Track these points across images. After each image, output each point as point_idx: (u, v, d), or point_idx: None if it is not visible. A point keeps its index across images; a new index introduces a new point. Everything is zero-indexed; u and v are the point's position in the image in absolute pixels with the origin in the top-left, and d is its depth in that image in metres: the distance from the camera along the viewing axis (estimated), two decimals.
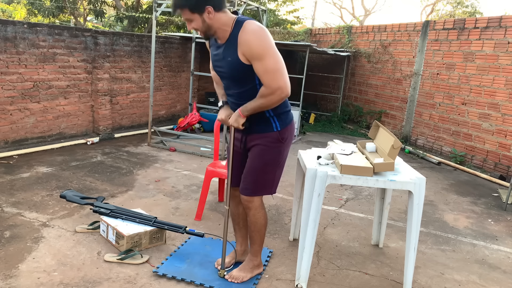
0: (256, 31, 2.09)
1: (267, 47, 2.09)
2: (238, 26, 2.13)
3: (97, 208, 3.11)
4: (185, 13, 2.13)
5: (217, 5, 2.12)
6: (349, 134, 8.12)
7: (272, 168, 2.41)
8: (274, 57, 2.10)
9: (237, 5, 5.19)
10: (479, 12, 17.30)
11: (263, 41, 2.09)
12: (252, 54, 2.11)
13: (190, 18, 2.14)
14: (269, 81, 2.12)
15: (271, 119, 2.33)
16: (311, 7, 32.89)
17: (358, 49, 8.69)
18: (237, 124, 2.30)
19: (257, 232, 2.54)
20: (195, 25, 2.16)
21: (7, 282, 2.42)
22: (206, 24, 2.15)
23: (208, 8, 2.10)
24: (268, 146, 2.35)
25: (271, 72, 2.10)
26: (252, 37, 2.09)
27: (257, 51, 2.09)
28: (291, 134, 2.42)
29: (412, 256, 2.54)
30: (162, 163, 5.13)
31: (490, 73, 5.79)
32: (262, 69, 2.11)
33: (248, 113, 2.27)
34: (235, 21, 2.16)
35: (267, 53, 2.09)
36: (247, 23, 2.12)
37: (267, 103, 2.20)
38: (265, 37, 2.09)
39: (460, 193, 4.87)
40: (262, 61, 2.09)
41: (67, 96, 5.68)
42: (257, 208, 2.47)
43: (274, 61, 2.10)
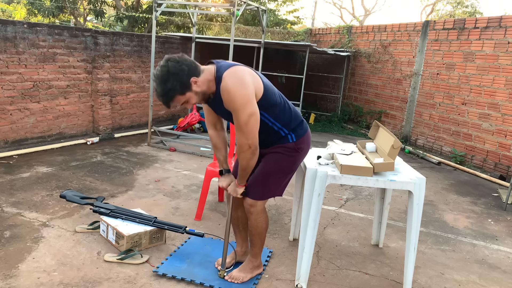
0: (229, 89, 2.14)
1: (238, 103, 2.14)
2: (219, 83, 2.19)
3: (97, 208, 3.11)
4: (179, 99, 2.21)
5: (195, 73, 2.18)
6: (349, 134, 8.12)
7: (284, 175, 2.46)
8: (244, 112, 2.14)
9: (237, 5, 5.19)
10: (479, 12, 17.30)
11: (235, 98, 2.14)
12: (230, 109, 2.20)
13: (185, 99, 2.21)
14: (239, 137, 2.22)
15: (288, 136, 2.40)
16: (311, 7, 32.88)
17: (358, 49, 8.69)
18: (235, 194, 2.43)
19: (258, 236, 2.54)
20: (193, 101, 2.24)
21: (7, 282, 2.42)
22: (200, 93, 2.23)
23: (192, 79, 2.17)
24: (284, 154, 2.41)
25: (241, 127, 2.18)
26: (226, 95, 2.16)
27: (231, 107, 2.18)
28: (307, 143, 2.48)
29: (412, 256, 2.54)
30: (162, 163, 5.13)
31: (490, 73, 5.79)
32: (236, 122, 2.21)
33: (243, 182, 2.39)
34: (215, 77, 2.22)
35: (238, 109, 2.15)
36: (223, 79, 2.17)
37: (246, 163, 2.28)
38: (236, 93, 2.14)
39: (460, 193, 4.87)
40: (235, 115, 2.18)
41: (67, 96, 5.68)
42: (259, 212, 2.47)
43: (244, 116, 2.15)
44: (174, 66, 2.13)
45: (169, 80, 2.13)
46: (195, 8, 7.56)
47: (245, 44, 7.58)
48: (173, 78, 2.13)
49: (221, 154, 2.55)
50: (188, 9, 6.86)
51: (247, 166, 2.30)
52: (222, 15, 11.57)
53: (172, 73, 2.12)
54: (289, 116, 2.39)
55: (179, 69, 2.13)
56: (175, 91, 2.16)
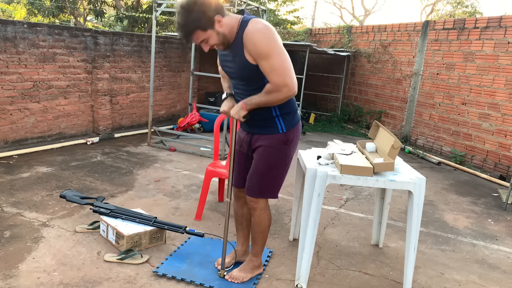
0: (260, 29, 2.06)
1: (272, 45, 2.06)
2: (244, 26, 2.09)
3: (97, 208, 3.11)
4: (198, 35, 2.09)
5: (221, 12, 2.10)
6: (349, 134, 8.12)
7: (277, 170, 2.40)
8: (280, 55, 2.07)
9: (237, 5, 5.19)
10: (479, 12, 17.30)
11: (267, 39, 2.06)
12: (258, 53, 2.07)
13: (205, 37, 2.10)
14: (275, 79, 2.09)
15: (277, 119, 2.31)
16: (311, 7, 32.90)
17: (358, 49, 8.69)
18: (238, 116, 2.27)
19: (261, 233, 2.54)
20: (212, 41, 2.12)
21: (7, 282, 2.42)
22: (221, 34, 2.11)
23: (217, 17, 2.07)
24: (273, 148, 2.34)
25: (278, 70, 2.07)
26: (256, 36, 2.05)
27: (262, 50, 2.05)
28: (297, 136, 2.40)
29: (412, 256, 2.54)
30: (162, 163, 5.13)
31: (490, 73, 5.79)
32: (268, 67, 2.08)
33: (251, 107, 2.24)
34: (240, 21, 2.13)
35: (273, 52, 2.06)
36: (252, 22, 2.08)
37: (272, 100, 2.18)
38: (269, 35, 2.06)
39: (460, 193, 4.87)
40: (267, 60, 2.06)
41: (67, 96, 5.68)
42: (262, 209, 2.47)
43: (279, 59, 2.07)
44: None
45: (194, 10, 2.01)
46: None
47: None
48: (199, 9, 2.01)
49: (227, 81, 2.49)
50: None
51: (270, 103, 2.20)
52: None
53: (199, 3, 2.01)
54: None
55: (207, 2, 2.03)
56: (198, 24, 2.03)
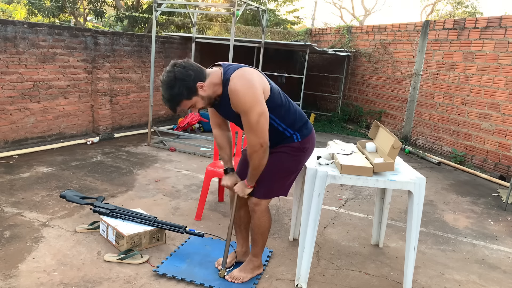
0: (240, 89, 2.16)
1: (248, 104, 2.15)
2: (226, 84, 2.20)
3: (97, 208, 3.11)
4: (185, 104, 2.23)
5: (202, 76, 2.21)
6: (349, 134, 8.12)
7: (288, 175, 2.47)
8: (256, 113, 2.16)
9: (237, 5, 5.19)
10: (479, 12, 17.30)
11: (245, 99, 2.15)
12: (239, 110, 2.21)
13: (192, 104, 2.24)
14: (250, 138, 2.23)
15: (294, 136, 2.41)
16: (311, 7, 32.90)
17: (358, 49, 8.69)
18: (243, 194, 2.42)
19: (260, 235, 2.55)
20: (199, 105, 2.26)
21: (7, 282, 2.42)
22: (206, 97, 2.24)
23: (198, 84, 2.19)
24: (289, 154, 2.42)
25: (253, 130, 2.19)
26: (234, 97, 2.17)
27: (241, 108, 2.18)
28: (312, 143, 2.49)
29: (412, 256, 2.54)
30: (162, 163, 5.13)
31: (490, 73, 5.79)
32: (246, 124, 2.21)
33: (253, 182, 2.39)
34: (222, 79, 2.24)
35: (251, 111, 2.16)
36: (232, 80, 2.18)
37: (258, 162, 2.29)
38: (246, 94, 2.15)
39: (460, 193, 4.87)
40: (247, 116, 2.19)
41: (67, 96, 5.68)
42: (262, 211, 2.48)
43: (256, 118, 2.16)
44: (181, 72, 2.16)
45: (175, 85, 2.16)
46: (195, 8, 7.56)
47: (245, 44, 7.58)
48: (180, 83, 2.16)
49: (225, 153, 2.56)
50: (188, 9, 6.86)
51: (259, 165, 2.31)
52: (222, 15, 11.57)
53: (179, 78, 2.16)
54: (294, 116, 2.40)
55: (186, 74, 2.16)
56: (182, 96, 2.19)
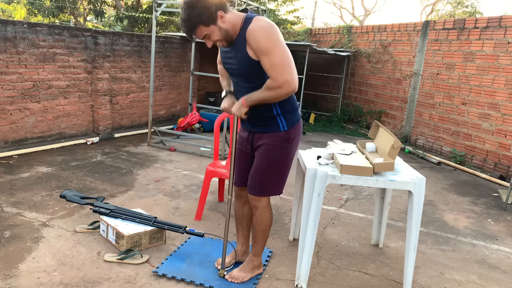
0: (263, 26, 2.10)
1: (274, 42, 2.09)
2: (247, 23, 2.13)
3: (97, 208, 3.11)
4: (201, 30, 2.13)
5: (225, 8, 2.14)
6: (349, 134, 8.12)
7: (279, 168, 2.41)
8: (281, 51, 2.10)
9: (237, 5, 5.19)
10: (479, 12, 17.30)
11: (270, 36, 2.09)
12: (260, 49, 2.10)
13: (208, 32, 2.14)
14: (276, 75, 2.12)
15: (278, 117, 2.33)
16: (311, 7, 32.90)
17: (358, 49, 8.69)
18: (239, 113, 2.29)
19: (262, 232, 2.54)
20: (215, 37, 2.16)
21: (7, 282, 2.42)
22: (224, 30, 2.14)
23: (219, 13, 2.11)
24: (274, 146, 2.35)
25: (278, 66, 2.10)
26: (259, 32, 2.09)
27: (264, 46, 2.09)
28: (298, 133, 2.42)
29: (412, 256, 2.54)
30: (162, 163, 5.13)
31: (490, 73, 5.79)
32: (269, 63, 2.11)
33: (251, 103, 2.25)
34: (244, 18, 2.17)
35: (274, 48, 2.09)
36: (255, 19, 2.13)
37: (273, 96, 2.19)
38: (272, 32, 2.10)
39: (460, 193, 4.87)
40: (269, 55, 2.10)
41: (67, 96, 5.68)
42: (264, 207, 2.47)
43: (281, 55, 2.10)
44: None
45: (197, 6, 2.06)
46: None
47: None
48: (201, 5, 2.06)
49: (225, 79, 2.52)
50: None
51: (269, 99, 2.22)
52: None
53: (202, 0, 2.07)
54: (287, 97, 2.32)
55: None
56: (201, 19, 2.08)
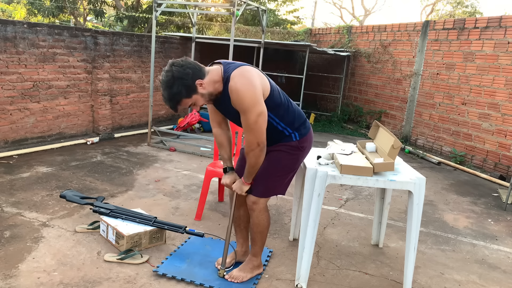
0: (238, 90, 2.16)
1: (248, 103, 2.16)
2: (227, 82, 2.21)
3: (97, 208, 3.11)
4: (185, 102, 2.23)
5: (201, 74, 2.20)
6: (349, 134, 8.12)
7: (286, 173, 2.47)
8: (253, 112, 2.17)
9: (237, 5, 5.19)
10: (479, 12, 17.31)
11: (245, 98, 2.16)
12: (239, 108, 2.21)
13: (192, 102, 2.24)
14: (248, 137, 2.25)
15: (292, 134, 2.43)
16: (311, 7, 32.86)
17: (358, 49, 8.69)
18: (240, 192, 2.44)
19: (259, 234, 2.55)
20: (200, 102, 2.26)
21: (7, 282, 2.42)
22: (206, 94, 2.24)
23: (197, 82, 2.19)
24: (287, 153, 2.43)
25: (252, 129, 2.21)
26: (234, 96, 2.18)
27: (240, 107, 2.19)
28: (310, 142, 2.51)
29: (412, 256, 2.54)
30: (162, 163, 5.12)
31: (490, 73, 5.79)
32: (244, 123, 2.23)
33: (249, 180, 2.41)
34: (222, 77, 2.24)
35: (248, 109, 2.17)
36: (232, 78, 2.19)
37: (254, 161, 2.31)
38: (246, 93, 2.16)
39: (460, 193, 4.87)
40: (246, 115, 2.20)
41: (67, 96, 5.68)
42: (261, 210, 2.48)
43: (255, 117, 2.18)
44: (178, 71, 2.16)
45: (174, 84, 2.16)
46: (195, 8, 7.56)
47: (245, 44, 7.58)
48: (178, 82, 2.16)
49: (225, 152, 2.58)
50: (188, 9, 6.86)
51: (255, 164, 2.33)
52: (222, 15, 11.57)
53: (177, 77, 2.16)
54: (293, 115, 2.42)
55: (184, 73, 2.16)
56: (181, 95, 2.19)
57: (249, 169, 2.36)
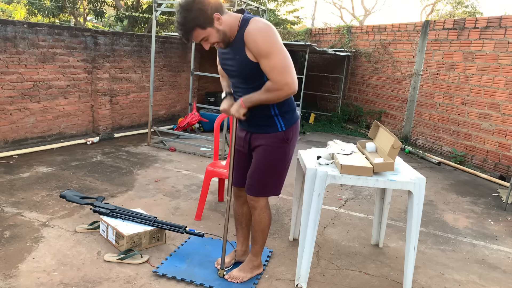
0: (262, 28, 2.08)
1: (273, 44, 2.08)
2: (245, 25, 2.12)
3: (97, 208, 3.11)
4: (197, 33, 2.12)
5: (220, 10, 2.13)
6: (349, 134, 8.12)
7: (278, 169, 2.41)
8: (280, 54, 2.09)
9: (237, 5, 5.19)
10: (479, 12, 17.30)
11: (269, 38, 2.08)
12: (259, 51, 2.10)
13: (205, 35, 2.13)
14: (276, 77, 2.11)
15: (276, 118, 2.32)
16: (311, 7, 32.87)
17: (358, 49, 8.69)
18: (238, 114, 2.28)
19: (261, 232, 2.54)
20: (212, 39, 2.15)
21: (7, 282, 2.42)
22: (221, 32, 2.13)
23: (216, 15, 2.09)
24: (272, 147, 2.35)
25: (279, 68, 2.09)
26: (258, 35, 2.07)
27: (263, 48, 2.08)
28: (296, 134, 2.42)
29: (412, 256, 2.54)
30: (162, 163, 5.12)
31: (490, 73, 5.79)
32: (268, 66, 2.10)
33: (250, 104, 2.25)
34: (241, 19, 2.16)
35: (273, 50, 2.08)
36: (253, 21, 2.11)
37: (273, 98, 2.19)
38: (270, 34, 2.09)
39: (460, 193, 4.87)
40: (269, 58, 2.09)
41: (67, 96, 5.68)
42: (262, 208, 2.47)
43: (280, 58, 2.09)
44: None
45: (192, 9, 2.05)
46: None
47: None
48: (197, 8, 2.05)
49: (225, 80, 2.51)
50: None
51: (269, 101, 2.22)
52: None
53: (198, 1, 2.05)
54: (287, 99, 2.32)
55: (205, 0, 2.07)
56: (197, 22, 2.07)
57: (259, 99, 2.20)
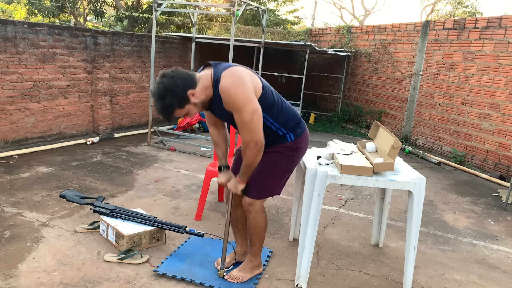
0: (231, 85, 2.14)
1: (240, 102, 2.14)
2: (218, 83, 2.19)
3: (97, 208, 3.11)
4: (178, 113, 2.22)
5: (193, 83, 2.19)
6: (349, 134, 8.12)
7: (282, 175, 2.46)
8: (248, 109, 2.15)
9: (237, 5, 5.19)
10: (479, 12, 17.30)
11: (236, 97, 2.14)
12: (230, 108, 2.20)
13: (185, 111, 2.23)
14: (244, 135, 2.22)
15: (287, 135, 2.40)
16: (311, 7, 32.87)
17: (358, 49, 8.69)
18: (235, 190, 2.42)
19: (257, 235, 2.54)
20: (193, 112, 2.25)
21: (7, 282, 2.42)
22: (198, 103, 2.23)
23: (189, 92, 2.17)
24: (283, 154, 2.41)
25: (246, 127, 2.18)
26: (227, 93, 2.15)
27: (233, 106, 2.17)
28: (306, 143, 2.49)
29: (412, 256, 2.54)
30: (162, 163, 5.12)
31: (490, 73, 5.79)
32: (239, 121, 2.20)
33: (245, 178, 2.39)
34: (212, 79, 2.22)
35: (243, 108, 2.15)
36: (223, 77, 2.17)
37: (251, 159, 2.28)
38: (238, 90, 2.14)
39: (460, 193, 4.87)
40: (239, 114, 2.17)
41: (67, 96, 5.68)
42: (257, 211, 2.47)
43: (249, 115, 2.15)
44: (169, 82, 2.14)
45: (166, 96, 2.15)
46: (195, 8, 7.56)
47: (245, 44, 7.58)
48: (170, 93, 2.14)
49: (221, 150, 2.56)
50: (188, 9, 6.86)
51: (252, 163, 2.30)
52: (222, 15, 11.57)
53: (168, 89, 2.14)
54: (287, 115, 2.39)
55: (175, 84, 2.14)
56: (174, 106, 2.18)
57: (245, 168, 2.34)
